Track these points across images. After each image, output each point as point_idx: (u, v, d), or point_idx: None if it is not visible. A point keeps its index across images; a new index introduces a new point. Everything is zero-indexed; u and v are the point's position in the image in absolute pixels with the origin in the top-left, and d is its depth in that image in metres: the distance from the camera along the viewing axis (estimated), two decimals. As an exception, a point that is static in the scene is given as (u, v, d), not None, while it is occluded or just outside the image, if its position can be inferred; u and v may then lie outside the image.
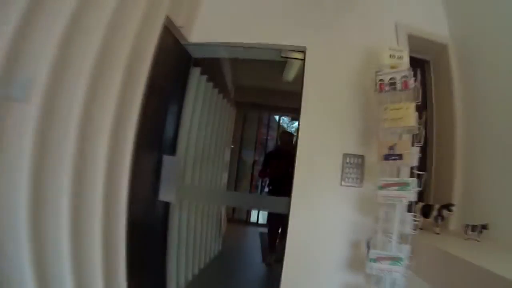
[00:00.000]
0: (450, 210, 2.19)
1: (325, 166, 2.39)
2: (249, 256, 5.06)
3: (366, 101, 2.39)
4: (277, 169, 4.66)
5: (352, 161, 2.35)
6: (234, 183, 6.92)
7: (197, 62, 3.02)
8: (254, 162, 7.18)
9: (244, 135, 7.24)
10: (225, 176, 4.95)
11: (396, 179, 2.00)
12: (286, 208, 2.40)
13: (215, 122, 3.94)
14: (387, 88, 2.10)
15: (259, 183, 7.10)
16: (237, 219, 7.08)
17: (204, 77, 3.28)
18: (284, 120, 7.64)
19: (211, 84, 3.54)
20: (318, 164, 2.40)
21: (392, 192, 1.97)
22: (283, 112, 7.27)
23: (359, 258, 2.27)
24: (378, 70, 2.15)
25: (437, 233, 2.22)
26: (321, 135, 2.43)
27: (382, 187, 1.99)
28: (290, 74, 4.80)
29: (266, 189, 5.07)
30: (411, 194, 1.96)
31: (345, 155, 2.37)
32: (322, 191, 2.38)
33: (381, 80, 2.12)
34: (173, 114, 2.73)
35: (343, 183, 2.36)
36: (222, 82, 4.28)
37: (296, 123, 7.03)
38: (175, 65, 2.66)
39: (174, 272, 2.91)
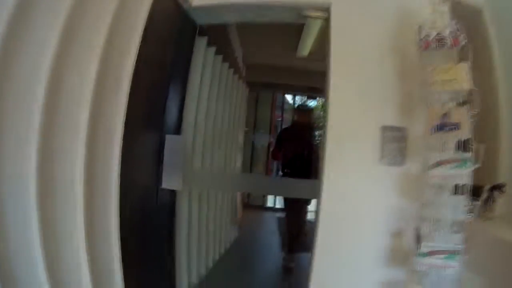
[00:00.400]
0: (502, 191, 1.83)
1: (360, 143, 2.00)
2: (268, 245, 4.73)
3: (405, 65, 1.99)
4: (293, 148, 4.05)
5: (392, 135, 1.94)
6: (249, 167, 6.62)
7: (203, 31, 2.64)
8: (269, 145, 6.81)
9: (258, 117, 6.90)
10: (239, 159, 4.57)
11: (453, 154, 1.62)
12: (313, 193, 2.03)
13: (226, 100, 3.56)
14: (433, 45, 1.72)
15: (274, 167, 6.76)
16: (253, 204, 6.80)
17: (212, 49, 2.90)
18: (298, 101, 7.25)
19: (220, 57, 3.16)
20: (352, 141, 2.00)
21: (448, 170, 1.60)
22: (297, 90, 6.88)
23: (400, 250, 1.93)
24: (421, 24, 1.77)
25: (488, 218, 1.84)
26: (354, 107, 2.03)
27: (435, 165, 1.62)
28: (305, 48, 4.43)
29: (281, 173, 4.52)
30: (469, 173, 1.62)
31: (384, 128, 1.97)
32: (358, 172, 1.99)
33: (426, 35, 1.74)
34: (177, 89, 2.36)
35: (382, 161, 1.96)
36: (232, 56, 3.90)
37: (312, 102, 6.77)
38: (177, 34, 2.27)
39: (185, 267, 2.60)
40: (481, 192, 1.86)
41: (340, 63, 2.06)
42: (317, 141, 4.15)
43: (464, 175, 1.62)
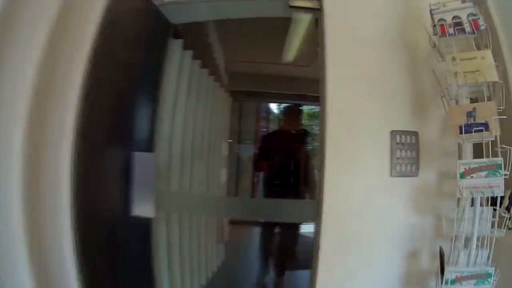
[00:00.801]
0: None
1: (366, 152, 1.68)
2: (258, 266, 4.37)
3: (414, 58, 1.72)
4: (280, 157, 3.60)
5: (403, 141, 1.64)
6: (235, 180, 6.28)
7: (178, 32, 2.33)
8: (255, 156, 6.49)
9: (242, 127, 6.60)
10: (223, 174, 4.18)
11: (485, 160, 1.34)
12: (311, 215, 1.70)
13: (207, 110, 3.23)
14: (451, 30, 1.46)
15: (260, 179, 6.43)
16: (239, 220, 6.44)
17: (189, 53, 2.59)
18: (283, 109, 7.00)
19: (199, 62, 2.84)
20: (356, 150, 1.67)
21: (480, 180, 1.33)
22: (283, 99, 6.62)
23: (418, 273, 1.66)
24: (434, 7, 1.51)
25: (510, 228, 1.57)
26: (355, 111, 1.70)
27: (463, 174, 1.34)
28: (292, 51, 4.17)
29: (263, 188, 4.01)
30: (502, 181, 1.35)
31: (393, 133, 1.65)
32: (364, 187, 1.67)
33: (441, 19, 1.48)
34: (148, 98, 2.03)
35: (392, 173, 1.64)
36: (212, 63, 3.59)
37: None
38: (146, 34, 1.97)
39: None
40: (501, 200, 1.63)
41: (337, 60, 1.74)
42: (309, 148, 3.79)
43: (496, 184, 1.35)
